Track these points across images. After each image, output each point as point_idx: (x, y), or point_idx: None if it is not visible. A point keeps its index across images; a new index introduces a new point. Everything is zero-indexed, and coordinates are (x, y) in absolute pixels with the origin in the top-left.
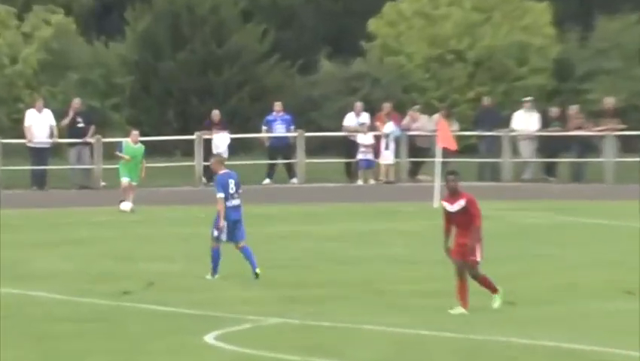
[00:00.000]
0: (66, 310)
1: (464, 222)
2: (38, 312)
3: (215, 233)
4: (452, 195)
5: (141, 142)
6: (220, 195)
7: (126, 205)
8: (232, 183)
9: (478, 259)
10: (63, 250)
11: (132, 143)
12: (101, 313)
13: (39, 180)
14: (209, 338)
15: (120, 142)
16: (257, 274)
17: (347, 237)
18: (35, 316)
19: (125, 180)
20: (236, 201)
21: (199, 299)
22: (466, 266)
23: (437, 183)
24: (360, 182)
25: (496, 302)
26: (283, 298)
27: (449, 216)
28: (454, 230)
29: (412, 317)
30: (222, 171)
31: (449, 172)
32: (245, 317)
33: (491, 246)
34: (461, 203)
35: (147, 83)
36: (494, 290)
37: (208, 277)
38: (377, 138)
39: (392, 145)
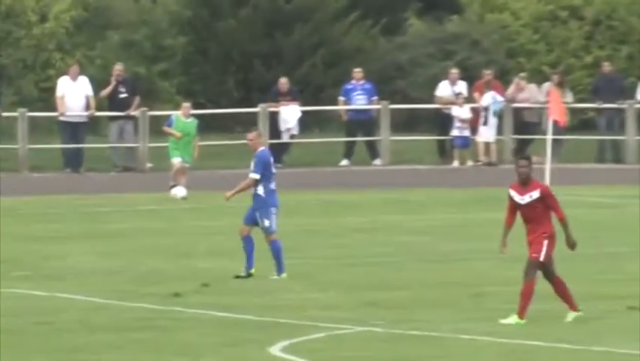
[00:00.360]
0: (105, 317)
1: (534, 216)
2: (72, 319)
3: (267, 223)
4: (524, 183)
5: (195, 116)
6: (257, 176)
7: (178, 191)
8: (272, 162)
9: (541, 258)
10: (102, 245)
11: (183, 117)
12: (146, 320)
13: (73, 161)
14: (275, 350)
15: (170, 116)
16: (251, 274)
17: (439, 229)
18: (68, 323)
19: (177, 161)
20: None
21: (263, 303)
22: (528, 262)
23: (549, 165)
24: (455, 163)
25: (508, 320)
26: (363, 303)
27: (516, 209)
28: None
29: (520, 325)
30: (262, 148)
31: (521, 156)
32: (318, 325)
33: (609, 240)
34: (533, 194)
35: (203, 46)
36: (521, 313)
37: (274, 276)
38: (476, 111)
39: (493, 120)
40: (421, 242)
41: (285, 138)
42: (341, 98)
